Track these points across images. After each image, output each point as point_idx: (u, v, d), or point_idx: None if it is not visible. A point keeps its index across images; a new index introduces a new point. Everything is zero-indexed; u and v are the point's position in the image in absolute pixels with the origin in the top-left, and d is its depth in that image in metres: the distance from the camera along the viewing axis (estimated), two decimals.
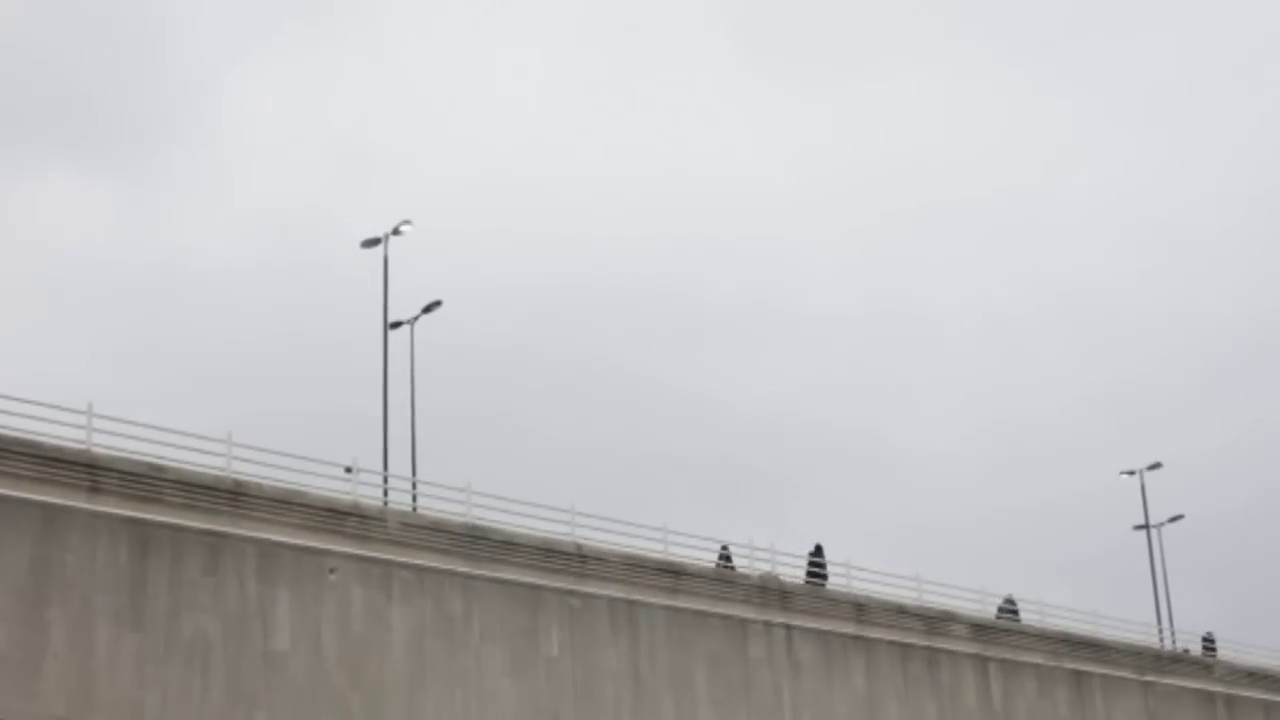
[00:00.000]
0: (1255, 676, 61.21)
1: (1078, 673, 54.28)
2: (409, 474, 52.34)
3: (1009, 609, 54.12)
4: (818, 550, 49.25)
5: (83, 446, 34.57)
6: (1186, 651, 60.67)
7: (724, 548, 46.87)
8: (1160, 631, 63.70)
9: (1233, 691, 59.94)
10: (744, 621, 45.20)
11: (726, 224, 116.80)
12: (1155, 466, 79.30)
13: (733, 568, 46.51)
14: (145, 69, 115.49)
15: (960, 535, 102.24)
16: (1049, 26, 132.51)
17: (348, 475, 39.30)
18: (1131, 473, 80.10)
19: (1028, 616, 54.15)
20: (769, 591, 46.05)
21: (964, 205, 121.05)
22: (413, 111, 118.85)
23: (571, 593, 41.55)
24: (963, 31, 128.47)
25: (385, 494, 41.42)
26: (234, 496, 36.12)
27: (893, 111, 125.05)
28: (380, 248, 58.22)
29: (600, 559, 42.44)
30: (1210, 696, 59.07)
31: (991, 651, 51.57)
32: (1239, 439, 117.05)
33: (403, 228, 58.12)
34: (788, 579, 47.11)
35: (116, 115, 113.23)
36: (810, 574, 48.49)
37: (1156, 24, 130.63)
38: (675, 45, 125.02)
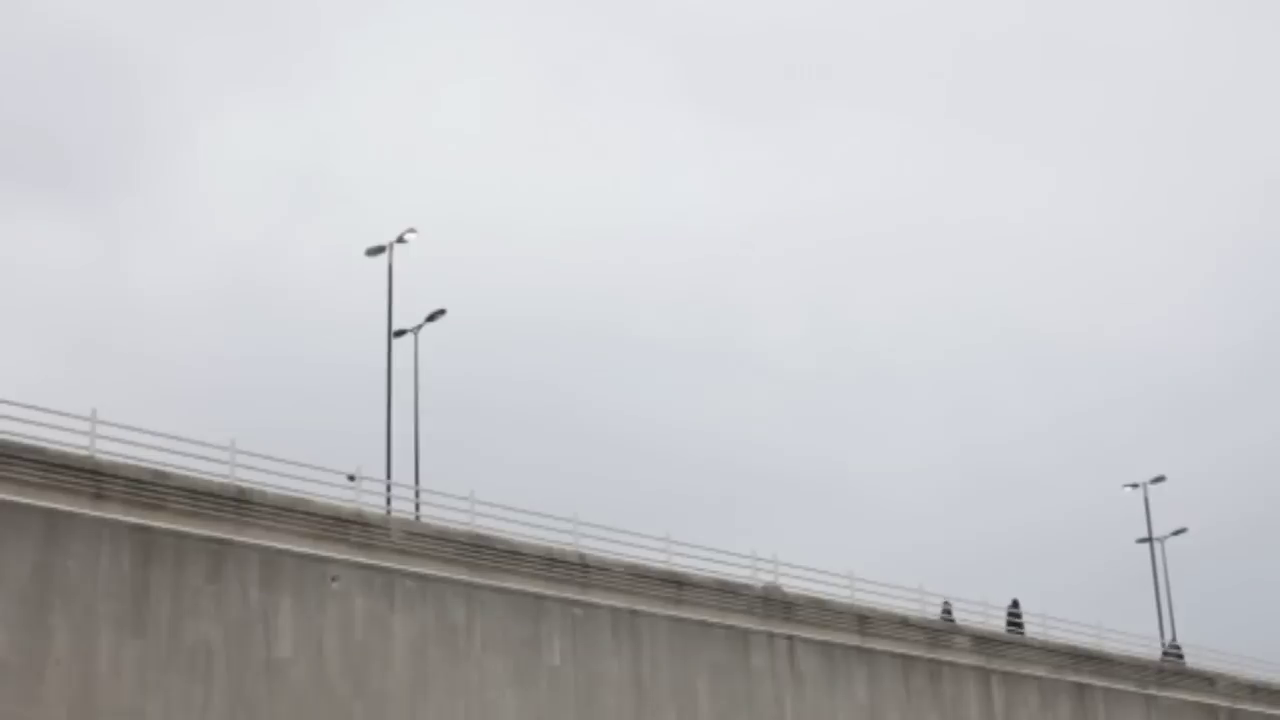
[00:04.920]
0: (1258, 690, 61.12)
1: (1080, 685, 54.17)
2: (412, 482, 52.31)
3: (1174, 651, 55.28)
4: (1015, 604, 51.91)
5: (87, 453, 34.56)
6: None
7: (945, 603, 50.60)
8: (1163, 645, 63.55)
9: (1235, 705, 59.85)
10: (747, 632, 45.14)
11: (678, 260, 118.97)
12: (1159, 480, 79.22)
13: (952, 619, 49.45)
14: (116, 116, 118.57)
15: (943, 555, 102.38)
16: (1003, 70, 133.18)
17: (351, 483, 39.28)
18: (1135, 485, 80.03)
19: (1029, 629, 54.12)
20: (772, 603, 45.97)
21: (915, 244, 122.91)
22: (373, 152, 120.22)
23: (574, 602, 41.48)
24: (916, 73, 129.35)
25: (389, 502, 41.40)
26: (237, 504, 36.09)
27: (844, 151, 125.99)
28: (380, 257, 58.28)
29: (603, 569, 42.38)
30: (1213, 710, 58.96)
31: (994, 664, 51.46)
32: (1236, 457, 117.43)
33: (407, 235, 58.04)
34: (790, 590, 47.05)
35: (89, 160, 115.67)
36: (1010, 624, 51.84)
37: (1114, 67, 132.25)
38: (625, 86, 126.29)
